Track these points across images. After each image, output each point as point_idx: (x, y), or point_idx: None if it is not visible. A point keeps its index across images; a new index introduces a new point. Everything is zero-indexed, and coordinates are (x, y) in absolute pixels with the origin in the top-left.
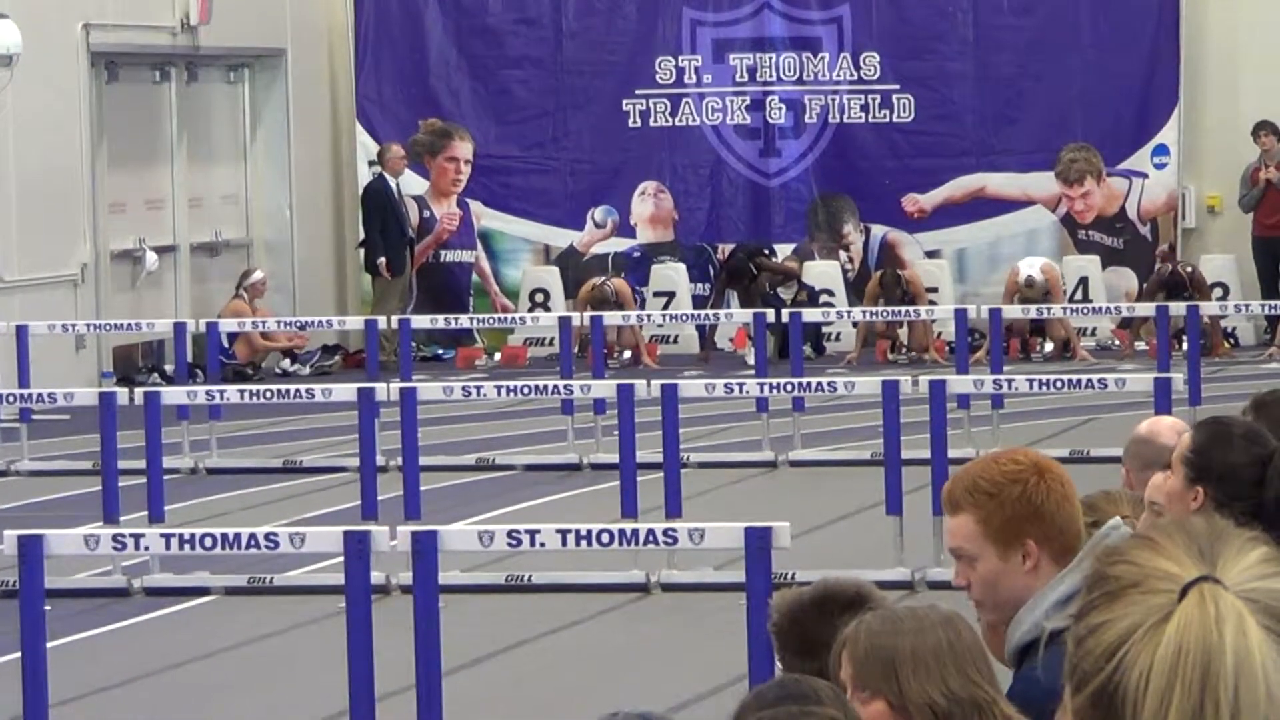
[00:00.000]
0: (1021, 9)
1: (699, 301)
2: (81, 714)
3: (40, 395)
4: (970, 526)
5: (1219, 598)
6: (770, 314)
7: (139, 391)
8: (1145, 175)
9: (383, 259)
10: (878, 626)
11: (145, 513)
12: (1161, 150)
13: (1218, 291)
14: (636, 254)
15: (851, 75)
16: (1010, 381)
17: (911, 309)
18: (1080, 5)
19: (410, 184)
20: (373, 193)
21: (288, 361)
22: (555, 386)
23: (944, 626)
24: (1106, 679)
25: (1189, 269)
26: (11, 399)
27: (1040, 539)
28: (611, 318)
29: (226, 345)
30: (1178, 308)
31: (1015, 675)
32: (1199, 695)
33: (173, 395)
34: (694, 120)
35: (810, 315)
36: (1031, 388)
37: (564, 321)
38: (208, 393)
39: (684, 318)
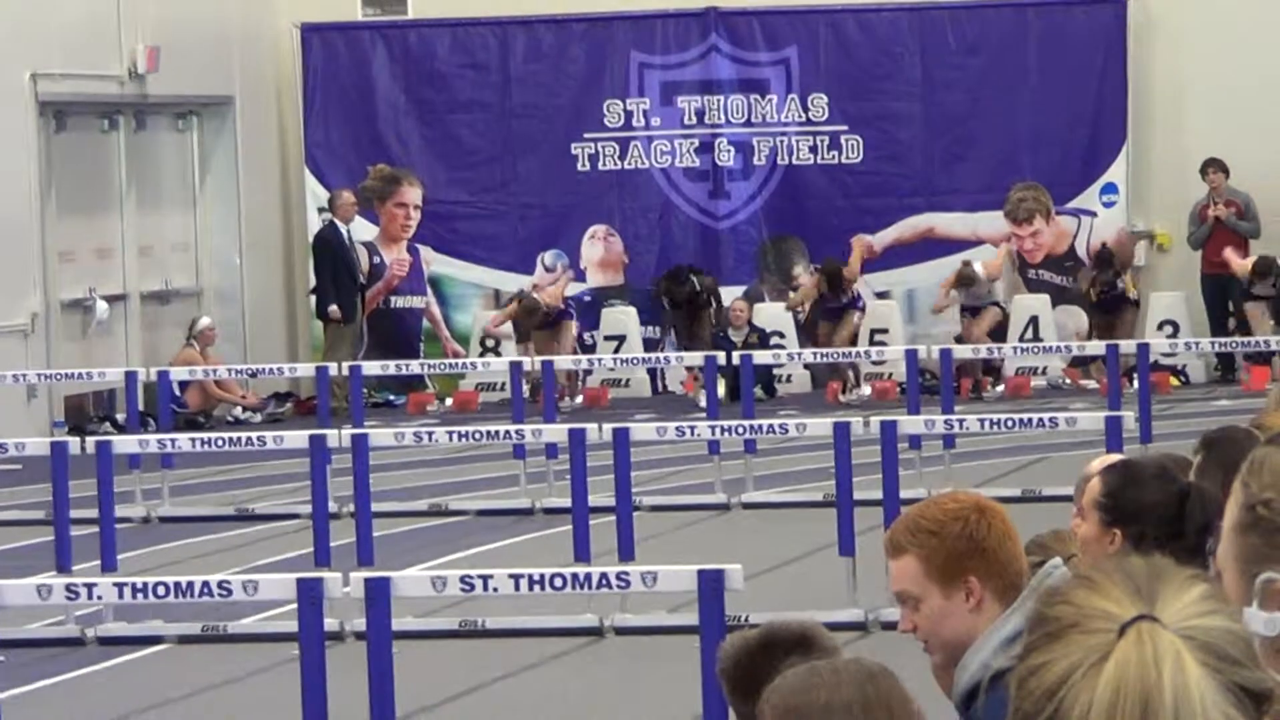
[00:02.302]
0: (968, 49)
1: (649, 344)
2: None
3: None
4: (913, 567)
5: (1157, 636)
6: (721, 356)
7: (90, 440)
8: (1094, 214)
9: (334, 306)
10: (793, 682)
11: (98, 562)
12: (1110, 189)
13: (1167, 329)
14: (587, 298)
15: (800, 117)
16: (961, 421)
17: (861, 350)
18: (1027, 44)
19: (360, 230)
20: (323, 239)
21: (239, 409)
22: (507, 431)
23: (864, 681)
24: (1048, 719)
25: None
26: None
27: (983, 576)
28: (562, 362)
29: (178, 394)
30: (1128, 346)
31: (963, 716)
32: None
33: (124, 444)
34: (643, 163)
35: (761, 357)
36: (983, 427)
37: (515, 366)
38: (159, 441)
39: (635, 361)
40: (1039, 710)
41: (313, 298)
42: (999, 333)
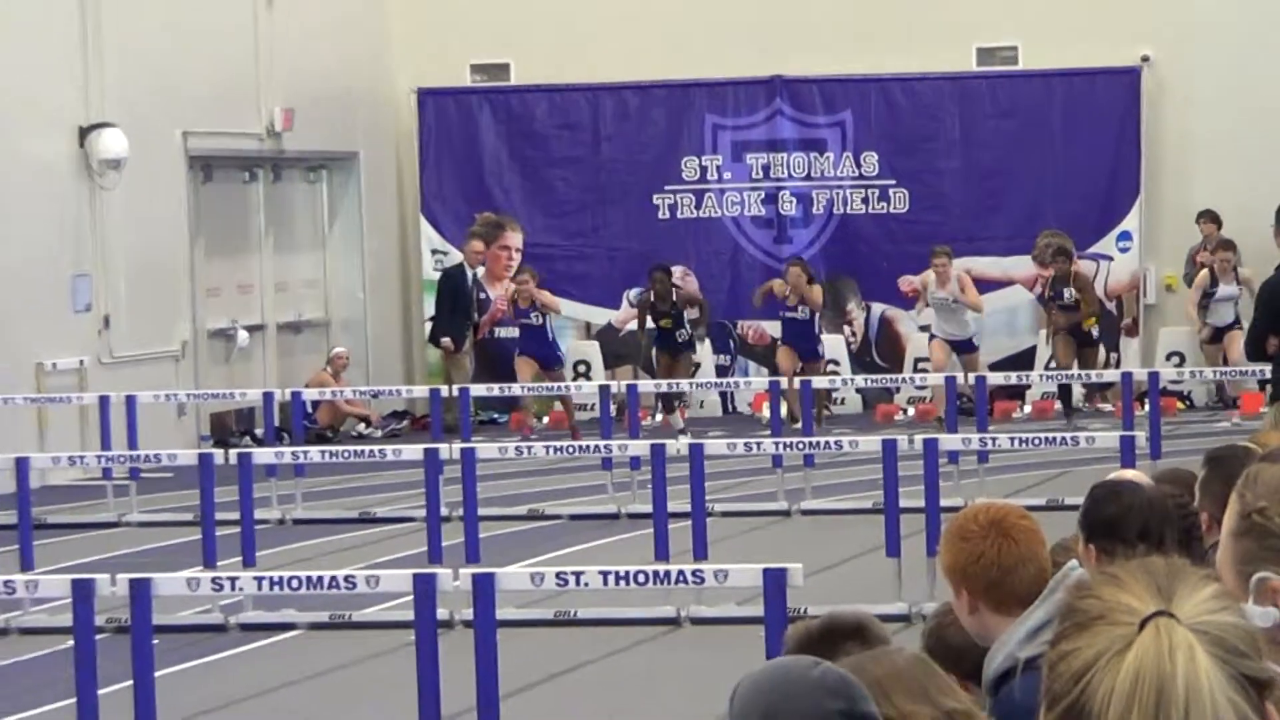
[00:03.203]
0: (1001, 112)
1: (720, 370)
2: None
3: (147, 456)
4: None
5: (1173, 630)
6: (784, 382)
7: (233, 452)
8: (1111, 258)
9: (446, 338)
10: (852, 663)
11: (239, 558)
12: (1125, 236)
13: (1175, 359)
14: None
15: (853, 172)
16: (994, 439)
17: (907, 375)
18: (1053, 108)
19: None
20: (450, 277)
21: (362, 425)
22: (596, 445)
23: (914, 661)
24: (1074, 700)
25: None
26: (122, 460)
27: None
28: (645, 385)
29: (310, 411)
30: (1140, 374)
31: (993, 699)
32: (1154, 716)
33: (262, 456)
34: (715, 212)
35: (819, 382)
36: (1013, 444)
37: (603, 390)
38: (293, 453)
39: (709, 385)
40: (1067, 691)
41: (428, 325)
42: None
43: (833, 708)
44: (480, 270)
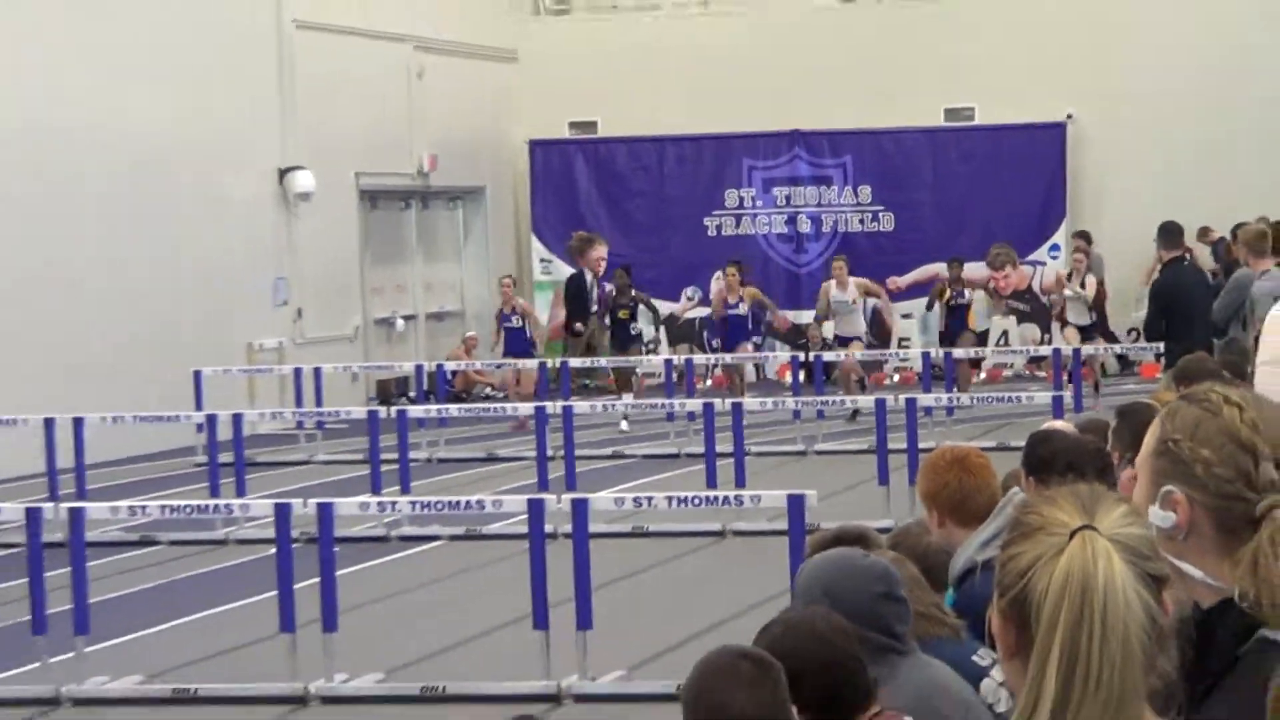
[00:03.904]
0: (962, 157)
1: (755, 347)
2: (361, 619)
3: (330, 412)
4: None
5: (1095, 540)
6: (800, 355)
7: (393, 409)
8: (1044, 263)
9: (579, 324)
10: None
11: (398, 486)
12: (1055, 248)
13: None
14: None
15: (853, 200)
16: (958, 398)
17: (892, 352)
18: (1002, 154)
19: (565, 272)
20: (574, 281)
21: (489, 389)
22: (663, 404)
23: (891, 563)
24: (1019, 591)
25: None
26: (311, 415)
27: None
28: (700, 359)
29: (449, 379)
30: (1067, 350)
31: (957, 590)
32: (1079, 605)
33: (414, 411)
34: (750, 231)
35: (828, 356)
36: (972, 402)
37: (667, 363)
38: (437, 409)
39: (748, 358)
40: (1014, 584)
41: (543, 317)
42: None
43: (877, 590)
44: (562, 270)
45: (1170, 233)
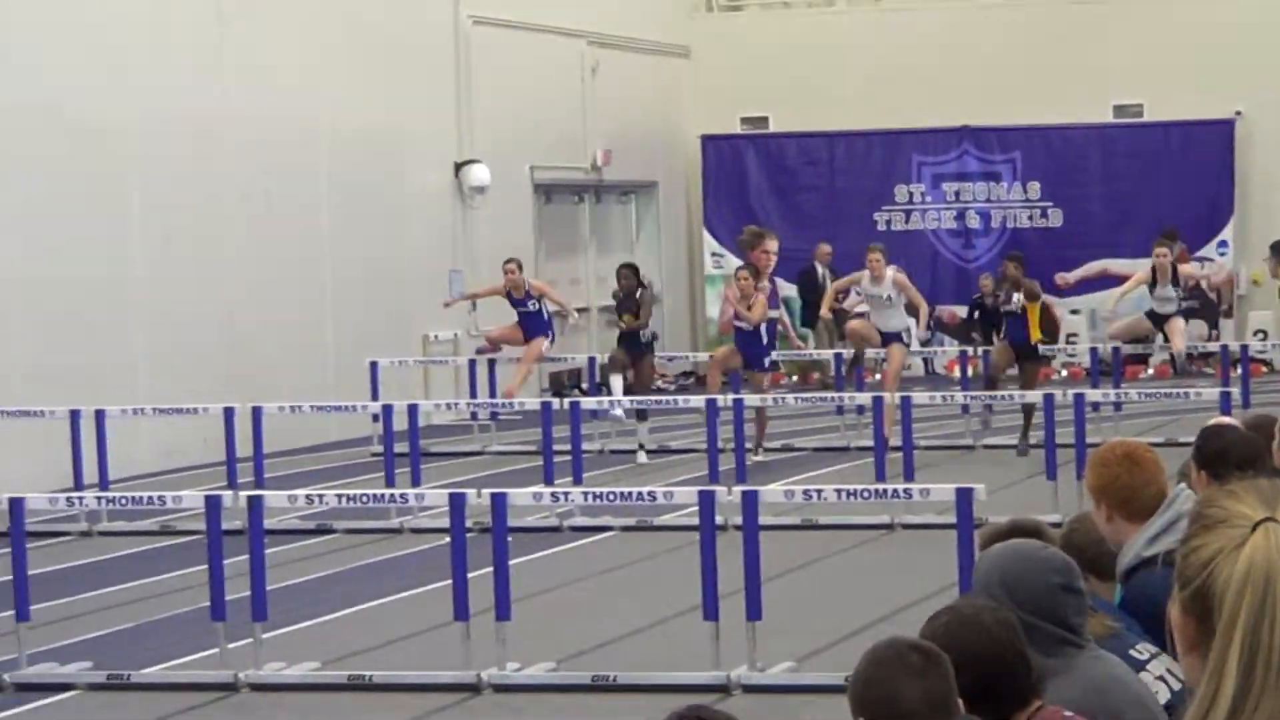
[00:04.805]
0: (1131, 154)
1: (924, 342)
2: (534, 608)
3: (503, 403)
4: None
5: (1277, 532)
6: (969, 350)
7: (566, 400)
8: (1212, 260)
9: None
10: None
11: (570, 477)
12: (1223, 244)
13: (1260, 334)
14: None
15: (1021, 196)
16: (1125, 393)
17: (1060, 347)
18: (1170, 149)
19: (735, 266)
20: (804, 274)
21: (660, 381)
22: (833, 396)
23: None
24: (1202, 583)
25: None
26: (485, 405)
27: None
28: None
29: None
30: (1234, 345)
31: (1125, 585)
32: (1261, 597)
33: (587, 403)
34: (919, 226)
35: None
36: (1139, 397)
37: (837, 357)
38: (610, 402)
39: (915, 353)
40: (1196, 576)
41: (713, 310)
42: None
43: (1056, 581)
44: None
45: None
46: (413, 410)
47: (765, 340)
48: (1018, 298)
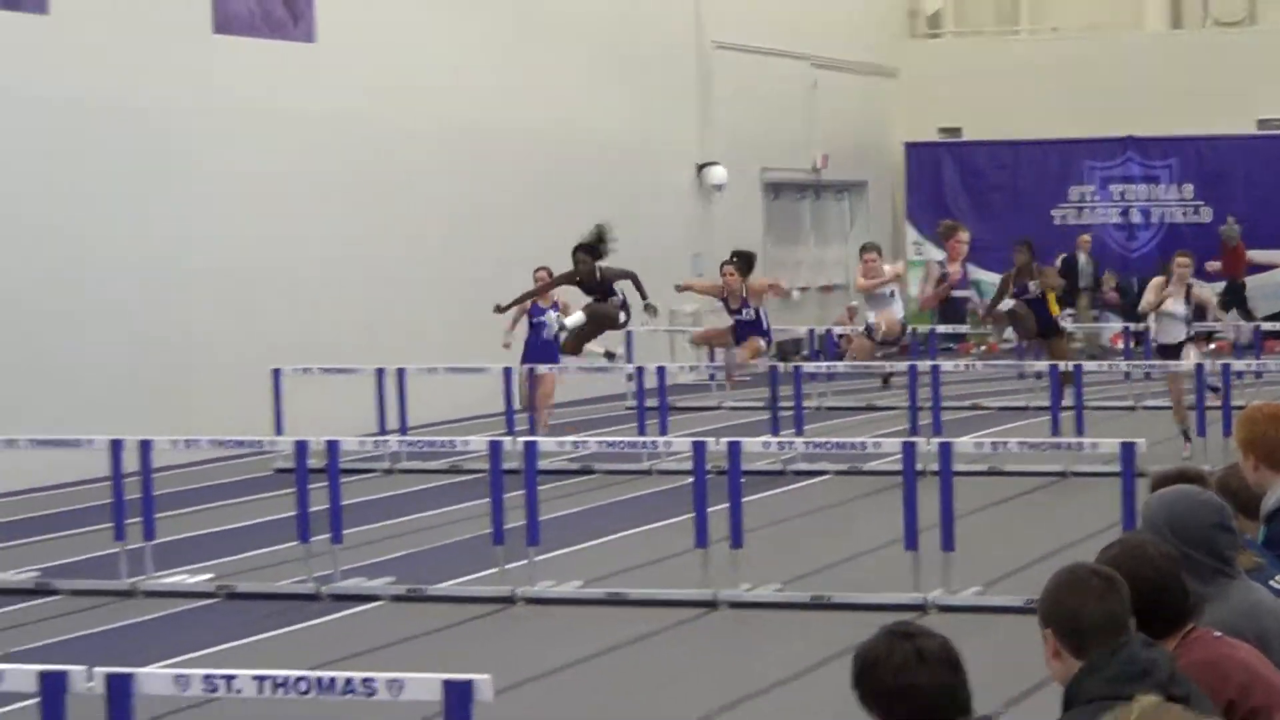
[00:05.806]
0: (1272, 162)
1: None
2: (762, 538)
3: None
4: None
5: None
6: (1131, 325)
7: (789, 365)
8: None
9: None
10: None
11: (794, 429)
12: None
13: None
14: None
15: (1177, 196)
16: (1265, 364)
17: (1209, 323)
18: None
19: (935, 254)
20: (1065, 262)
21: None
22: (1013, 365)
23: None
24: None
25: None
26: (722, 369)
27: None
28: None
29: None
30: None
31: (1269, 526)
32: None
33: (808, 367)
34: (1090, 221)
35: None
36: (1278, 367)
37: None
38: (826, 366)
39: (1081, 329)
40: None
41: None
42: None
43: (1213, 520)
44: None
45: None
46: (661, 371)
47: (764, 325)
48: (1033, 286)
